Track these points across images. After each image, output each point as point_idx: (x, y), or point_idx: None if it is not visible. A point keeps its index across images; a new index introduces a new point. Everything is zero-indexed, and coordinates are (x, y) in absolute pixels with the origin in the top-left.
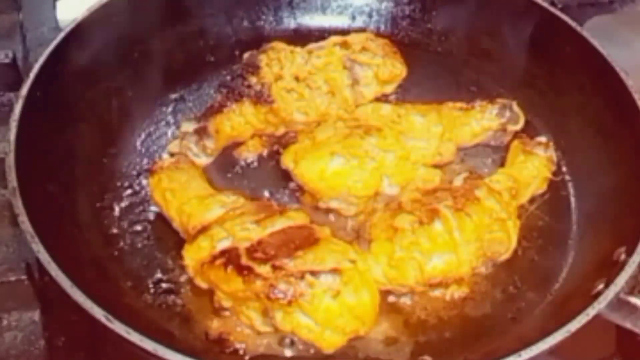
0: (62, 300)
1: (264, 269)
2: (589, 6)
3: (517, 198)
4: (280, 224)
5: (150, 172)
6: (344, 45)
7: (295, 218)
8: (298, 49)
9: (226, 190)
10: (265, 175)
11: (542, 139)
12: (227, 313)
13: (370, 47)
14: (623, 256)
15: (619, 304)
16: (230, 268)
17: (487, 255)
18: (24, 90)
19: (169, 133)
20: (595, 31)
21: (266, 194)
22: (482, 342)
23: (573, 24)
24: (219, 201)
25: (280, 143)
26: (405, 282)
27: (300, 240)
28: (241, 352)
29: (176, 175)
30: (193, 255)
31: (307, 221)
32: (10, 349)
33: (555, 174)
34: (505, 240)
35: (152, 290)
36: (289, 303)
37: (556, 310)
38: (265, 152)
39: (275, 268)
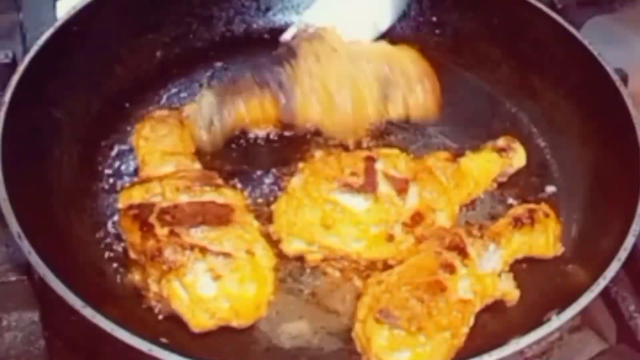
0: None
1: (162, 232)
2: (588, 6)
3: None
4: (208, 196)
5: (141, 118)
6: (387, 58)
7: (227, 196)
8: (340, 48)
9: (193, 155)
10: (264, 155)
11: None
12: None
13: (409, 70)
14: (553, 317)
15: None
16: (136, 221)
17: None
18: (58, 24)
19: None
20: (595, 31)
21: (257, 172)
22: None
23: (622, 88)
24: (176, 160)
25: (290, 128)
26: None
27: (214, 217)
28: (156, 310)
29: (158, 127)
30: (124, 200)
31: (239, 203)
32: (10, 349)
33: None
34: None
35: (109, 230)
36: (169, 270)
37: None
38: (273, 133)
39: (172, 234)
